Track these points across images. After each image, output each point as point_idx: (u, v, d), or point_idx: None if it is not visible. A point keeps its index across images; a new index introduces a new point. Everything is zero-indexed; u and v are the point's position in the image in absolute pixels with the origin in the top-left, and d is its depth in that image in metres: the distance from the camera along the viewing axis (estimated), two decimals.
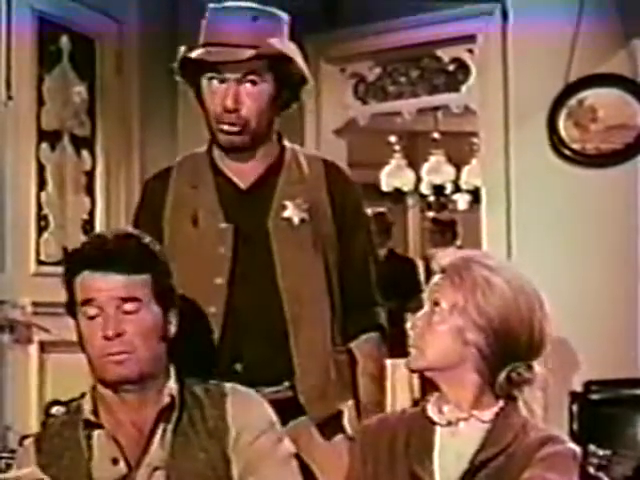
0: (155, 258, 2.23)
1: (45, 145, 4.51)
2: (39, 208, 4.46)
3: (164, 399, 2.19)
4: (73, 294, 2.20)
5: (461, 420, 1.98)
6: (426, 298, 2.01)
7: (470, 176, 8.93)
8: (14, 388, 4.21)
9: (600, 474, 1.80)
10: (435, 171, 9.20)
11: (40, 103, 4.48)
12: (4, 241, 4.24)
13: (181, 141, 5.11)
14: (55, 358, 4.32)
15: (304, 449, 2.38)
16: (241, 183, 2.55)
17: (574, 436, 3.36)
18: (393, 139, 9.36)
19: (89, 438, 2.19)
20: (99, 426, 2.20)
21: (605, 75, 4.55)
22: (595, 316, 4.43)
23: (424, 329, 1.99)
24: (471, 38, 5.01)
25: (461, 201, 9.42)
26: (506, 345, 1.94)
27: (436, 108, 7.04)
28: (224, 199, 2.53)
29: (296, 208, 2.52)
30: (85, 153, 4.75)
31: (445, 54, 5.17)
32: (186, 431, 2.19)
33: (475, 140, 6.93)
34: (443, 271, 2.00)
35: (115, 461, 2.17)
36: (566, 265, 4.51)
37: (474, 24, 4.92)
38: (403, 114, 5.52)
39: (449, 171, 9.24)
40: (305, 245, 2.51)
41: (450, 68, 5.20)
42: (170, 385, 2.21)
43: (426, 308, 2.01)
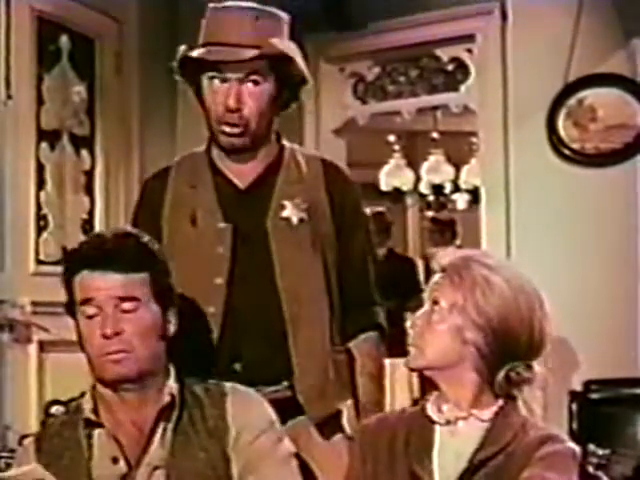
0: (154, 257, 2.23)
1: (44, 144, 4.50)
2: (38, 207, 4.45)
3: (164, 398, 2.19)
4: (72, 294, 2.20)
5: (460, 419, 1.98)
6: (426, 297, 2.02)
7: (469, 176, 8.93)
8: (13, 388, 4.21)
9: (599, 473, 1.80)
10: (434, 171, 9.20)
11: (39, 102, 4.48)
12: (3, 240, 4.24)
13: (180, 141, 5.11)
14: (54, 358, 4.32)
15: (303, 449, 2.38)
16: (240, 183, 2.55)
17: (573, 435, 3.37)
18: (392, 139, 9.36)
19: (89, 437, 2.20)
20: (99, 425, 2.20)
21: (604, 75, 4.55)
22: (595, 315, 4.43)
23: (424, 328, 1.99)
24: (470, 38, 5.00)
25: (460, 201, 9.42)
26: (505, 344, 1.94)
27: (435, 108, 7.03)
28: (223, 199, 2.53)
29: (295, 208, 2.51)
30: (84, 153, 4.75)
31: (444, 54, 5.17)
32: (186, 430, 2.19)
33: (474, 140, 6.93)
34: (443, 270, 2.00)
35: (115, 460, 2.17)
36: (565, 264, 4.51)
37: (473, 24, 4.92)
38: (402, 114, 5.52)
39: (448, 171, 9.23)
40: (304, 245, 2.51)
41: (449, 68, 5.19)
42: (170, 384, 2.21)
43: (426, 307, 2.01)
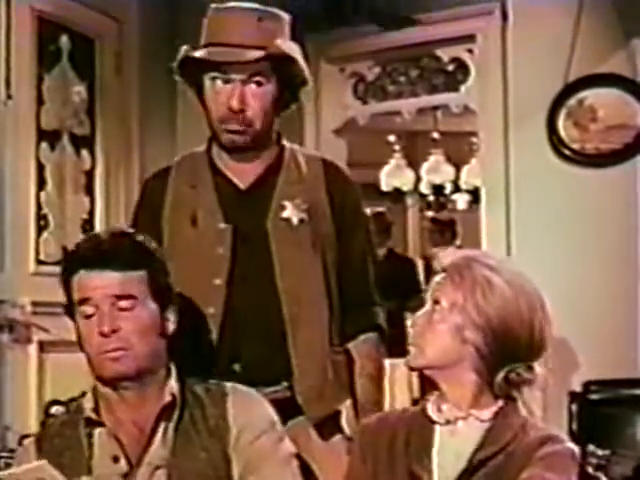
0: (150, 255, 2.23)
1: (45, 145, 4.50)
2: (38, 208, 4.45)
3: (165, 398, 2.19)
4: (70, 295, 2.21)
5: (460, 419, 1.98)
6: (427, 297, 2.02)
7: (469, 176, 8.93)
8: (13, 388, 4.21)
9: (599, 474, 1.81)
10: (434, 171, 9.20)
11: (40, 102, 4.48)
12: (3, 240, 4.23)
13: (180, 141, 5.11)
14: (54, 358, 4.31)
15: (302, 449, 2.37)
16: (240, 183, 2.54)
17: (573, 436, 3.37)
18: (392, 139, 9.36)
19: (90, 436, 2.20)
20: (100, 424, 2.20)
21: (605, 75, 4.55)
22: (594, 316, 4.43)
23: (424, 327, 1.99)
24: (471, 38, 5.01)
25: (460, 201, 9.43)
26: (505, 345, 1.94)
27: (436, 108, 7.04)
28: (223, 199, 2.52)
29: (295, 208, 2.51)
30: (85, 153, 4.75)
31: (445, 54, 5.17)
32: (187, 430, 2.19)
33: (474, 140, 6.94)
34: (444, 270, 2.00)
35: (116, 459, 2.17)
36: (565, 265, 4.51)
37: (474, 24, 4.92)
38: (403, 114, 5.52)
39: (448, 171, 9.23)
40: (304, 245, 2.51)
41: (450, 68, 5.20)
42: (171, 384, 2.22)
43: (427, 307, 2.01)
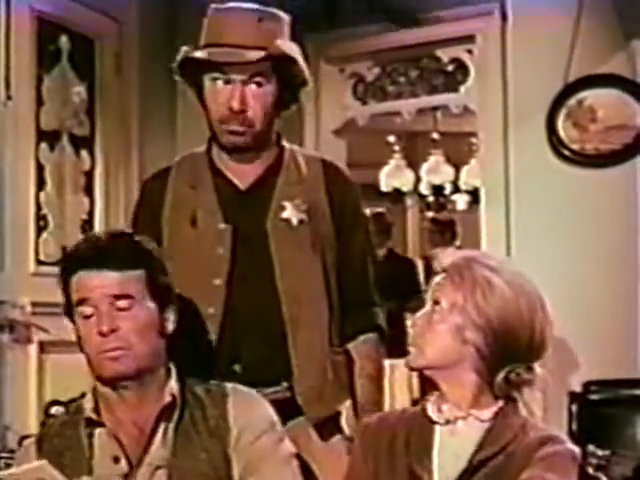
0: (148, 255, 2.23)
1: (44, 145, 4.51)
2: (38, 208, 4.45)
3: (165, 398, 2.19)
4: (69, 295, 2.21)
5: (459, 419, 1.98)
6: (427, 297, 2.02)
7: (469, 176, 8.94)
8: (13, 388, 4.21)
9: (599, 474, 1.81)
10: (434, 171, 9.21)
11: (39, 103, 4.48)
12: (3, 241, 4.24)
13: (180, 141, 5.11)
14: (54, 358, 4.32)
15: (302, 449, 2.37)
16: (240, 184, 2.54)
17: (573, 436, 3.37)
18: (392, 139, 9.37)
19: (90, 437, 2.20)
20: (100, 424, 2.20)
21: (604, 75, 4.55)
22: (594, 316, 4.43)
23: (424, 328, 1.99)
24: (470, 38, 5.01)
25: (460, 201, 9.43)
26: (505, 346, 1.94)
27: (435, 108, 7.03)
28: (223, 199, 2.52)
29: (295, 209, 2.51)
30: (84, 153, 4.75)
31: (444, 54, 5.17)
32: (188, 430, 2.19)
33: (474, 140, 6.94)
34: (445, 270, 2.00)
35: (116, 459, 2.17)
36: (565, 265, 4.51)
37: (473, 24, 4.92)
38: (402, 114, 5.52)
39: (448, 171, 9.24)
40: (304, 246, 2.50)
41: (449, 68, 5.19)
42: (171, 384, 2.22)
43: (427, 307, 2.01)
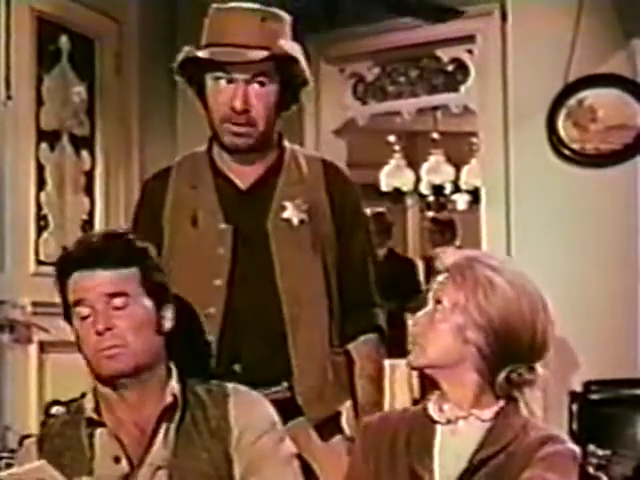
0: (142, 253, 2.24)
1: (44, 145, 4.51)
2: (38, 208, 4.45)
3: (166, 398, 2.19)
4: (66, 298, 2.21)
5: (460, 418, 1.99)
6: (429, 297, 2.02)
7: (469, 176, 8.94)
8: (14, 388, 4.21)
9: (599, 474, 1.81)
10: (434, 171, 9.21)
11: (39, 103, 4.48)
12: (4, 241, 4.24)
13: (180, 141, 5.11)
14: (55, 358, 4.31)
15: (302, 450, 2.37)
16: (241, 184, 2.54)
17: (574, 436, 3.37)
18: (392, 139, 9.37)
19: (91, 437, 2.20)
20: (101, 424, 2.20)
21: (604, 75, 4.55)
22: (594, 316, 4.43)
23: (426, 327, 1.99)
24: (470, 38, 5.01)
25: (460, 201, 9.43)
26: (506, 345, 1.94)
27: (435, 108, 7.03)
28: (224, 200, 2.52)
29: (295, 209, 2.51)
30: (84, 153, 4.75)
31: (444, 54, 5.17)
32: (189, 431, 2.19)
33: (474, 140, 6.94)
34: (447, 270, 2.01)
35: (117, 459, 2.17)
36: (565, 265, 4.51)
37: (473, 24, 4.92)
38: (402, 114, 5.52)
39: (448, 171, 9.24)
40: (304, 246, 2.50)
41: (449, 68, 5.20)
42: (172, 385, 2.22)
43: (429, 306, 2.01)
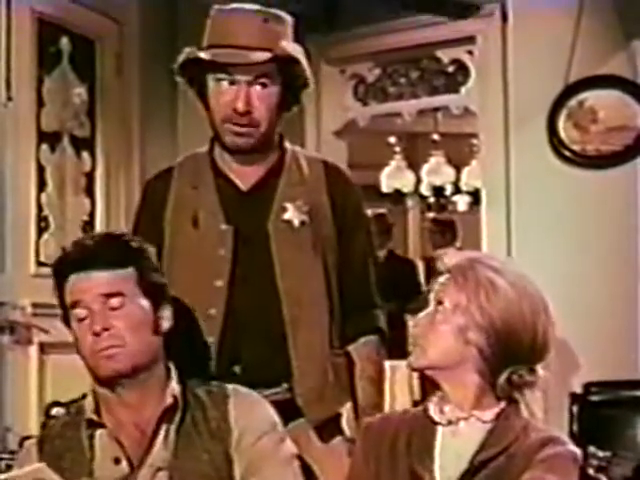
0: (137, 253, 2.24)
1: (45, 146, 4.51)
2: (39, 209, 4.46)
3: (166, 400, 2.19)
4: (64, 301, 2.22)
5: (461, 419, 1.98)
6: (431, 298, 2.02)
7: (470, 177, 8.94)
8: (14, 389, 4.21)
9: (600, 475, 1.81)
10: (435, 172, 9.21)
11: (40, 104, 4.48)
12: (4, 242, 4.24)
13: (181, 142, 5.11)
14: (55, 359, 4.31)
15: (303, 451, 2.37)
16: (242, 185, 2.54)
17: (574, 437, 3.36)
18: (393, 140, 9.38)
19: (91, 438, 2.20)
20: (101, 425, 2.20)
21: (605, 76, 4.55)
22: (595, 317, 4.43)
23: (427, 328, 1.99)
24: (471, 39, 5.01)
25: (461, 202, 9.44)
26: (507, 347, 1.94)
27: (436, 109, 7.04)
28: (225, 200, 2.52)
29: (296, 210, 2.51)
30: (85, 154, 4.75)
31: (445, 55, 5.17)
32: (189, 432, 2.19)
33: (475, 141, 6.94)
34: (448, 271, 2.01)
35: (117, 461, 2.17)
36: (566, 266, 4.51)
37: (474, 25, 4.92)
38: (403, 115, 5.52)
39: (449, 172, 9.25)
40: (305, 247, 2.50)
41: (450, 69, 5.20)
42: (172, 386, 2.22)
43: (430, 307, 2.01)
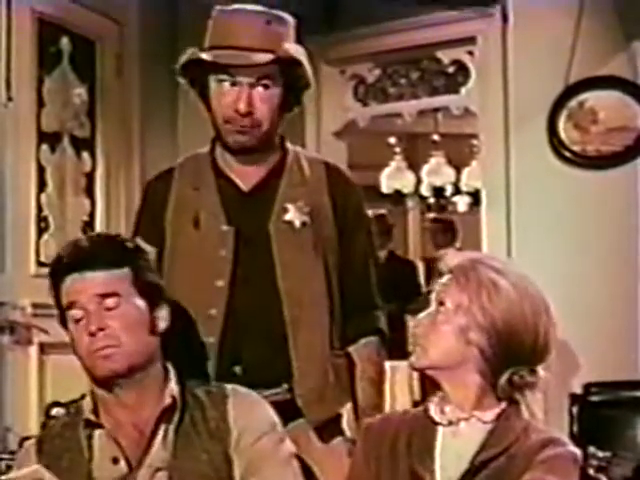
0: (133, 253, 2.24)
1: (45, 147, 4.51)
2: (39, 209, 4.45)
3: (165, 400, 2.19)
4: (60, 302, 2.22)
5: (462, 420, 1.99)
6: (432, 298, 2.02)
7: (470, 178, 8.94)
8: (14, 389, 4.21)
9: (600, 476, 1.81)
10: (435, 173, 9.21)
11: (40, 104, 4.48)
12: (4, 242, 4.24)
13: (181, 143, 5.11)
14: (55, 359, 4.31)
15: (303, 452, 2.37)
16: (243, 185, 2.54)
17: (574, 438, 3.36)
18: (393, 141, 9.37)
19: (90, 438, 2.20)
20: (99, 426, 2.20)
21: (605, 77, 4.55)
22: (595, 318, 4.43)
23: (428, 328, 1.99)
24: (471, 40, 5.01)
25: (461, 203, 9.44)
26: (509, 348, 1.94)
27: (436, 110, 7.04)
28: (226, 201, 2.52)
29: (298, 211, 2.51)
30: (85, 155, 4.75)
31: (445, 56, 5.18)
32: (188, 432, 2.19)
33: (475, 142, 6.95)
34: (450, 272, 2.01)
35: (115, 460, 2.17)
36: (566, 267, 4.51)
37: (474, 26, 4.93)
38: (403, 116, 5.53)
39: (449, 173, 9.25)
40: (306, 248, 2.50)
41: (450, 70, 5.20)
42: (171, 386, 2.22)
43: (432, 307, 2.01)
